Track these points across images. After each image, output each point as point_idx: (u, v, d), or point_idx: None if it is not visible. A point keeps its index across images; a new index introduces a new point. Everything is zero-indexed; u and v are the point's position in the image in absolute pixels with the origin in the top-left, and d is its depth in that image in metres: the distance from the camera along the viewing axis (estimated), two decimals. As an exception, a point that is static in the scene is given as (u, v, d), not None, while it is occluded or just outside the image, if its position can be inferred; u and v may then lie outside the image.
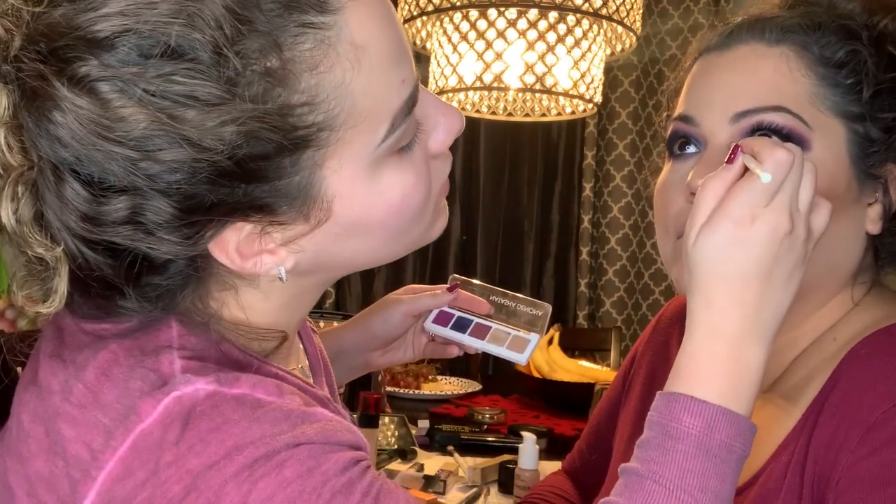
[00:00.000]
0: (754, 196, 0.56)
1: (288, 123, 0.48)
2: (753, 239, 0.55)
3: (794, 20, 0.68)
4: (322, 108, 0.49)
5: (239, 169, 0.47)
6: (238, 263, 0.52)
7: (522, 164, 3.25)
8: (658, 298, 3.26)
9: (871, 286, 0.71)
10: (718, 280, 0.56)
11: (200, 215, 0.48)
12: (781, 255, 0.56)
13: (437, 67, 1.80)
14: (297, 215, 0.52)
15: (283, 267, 0.54)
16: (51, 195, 0.47)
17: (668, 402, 0.56)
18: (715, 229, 0.56)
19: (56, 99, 0.44)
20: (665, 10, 3.16)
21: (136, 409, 0.49)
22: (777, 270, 0.56)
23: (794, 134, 0.65)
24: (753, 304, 0.56)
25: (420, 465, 1.58)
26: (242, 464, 0.47)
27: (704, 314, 0.57)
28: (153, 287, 0.51)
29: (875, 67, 0.66)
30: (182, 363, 0.51)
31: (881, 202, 0.68)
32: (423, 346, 0.92)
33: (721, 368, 0.56)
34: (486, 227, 3.20)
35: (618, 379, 0.94)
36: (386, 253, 0.60)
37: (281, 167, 0.49)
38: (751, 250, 0.55)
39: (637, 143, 3.27)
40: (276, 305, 0.58)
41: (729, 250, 0.56)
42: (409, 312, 0.88)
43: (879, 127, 0.66)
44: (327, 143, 0.50)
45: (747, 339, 0.56)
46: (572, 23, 1.67)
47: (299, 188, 0.51)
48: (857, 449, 0.58)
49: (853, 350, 0.65)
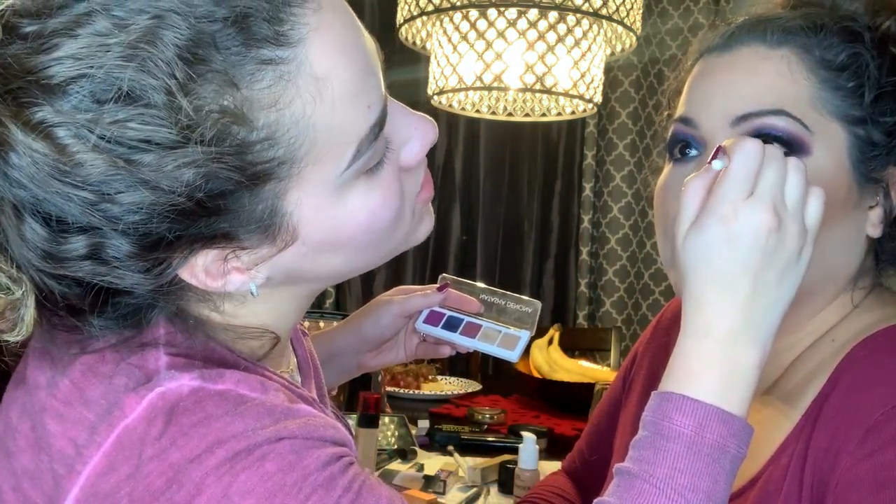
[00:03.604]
0: (732, 190, 0.55)
1: (246, 161, 0.47)
2: (737, 234, 0.55)
3: (796, 22, 0.68)
4: (282, 143, 0.48)
5: (198, 207, 0.47)
6: (207, 284, 0.52)
7: (522, 164, 3.25)
8: (658, 298, 3.26)
9: (871, 289, 0.70)
10: (707, 279, 0.56)
11: (162, 251, 0.48)
12: (769, 251, 0.55)
13: (437, 67, 1.80)
14: (263, 240, 0.52)
15: (253, 283, 0.54)
16: (12, 232, 0.46)
17: (661, 401, 0.56)
18: (700, 228, 0.56)
19: (12, 143, 0.44)
20: (665, 10, 3.16)
21: (120, 404, 0.49)
22: (767, 267, 0.55)
23: (794, 138, 0.65)
24: (744, 301, 0.55)
25: (420, 465, 1.58)
26: (223, 457, 0.48)
27: (696, 314, 0.57)
28: (125, 306, 0.51)
29: (877, 71, 0.66)
30: (167, 359, 0.51)
31: (882, 206, 0.68)
32: (416, 347, 0.93)
33: (713, 368, 0.55)
34: (486, 227, 3.20)
35: (618, 379, 0.94)
36: (363, 263, 0.60)
37: (241, 201, 0.49)
38: (736, 246, 0.55)
39: (637, 143, 3.27)
40: (260, 312, 0.58)
41: (716, 248, 0.56)
42: (399, 313, 0.89)
43: (881, 130, 0.66)
44: (289, 176, 0.50)
45: (739, 339, 0.56)
46: (572, 23, 1.67)
47: (262, 217, 0.50)
48: (856, 451, 0.58)
49: (852, 352, 0.65)
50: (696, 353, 0.56)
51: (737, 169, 0.56)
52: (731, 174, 0.56)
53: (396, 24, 1.80)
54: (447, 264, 3.10)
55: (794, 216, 0.56)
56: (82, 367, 0.52)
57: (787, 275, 0.56)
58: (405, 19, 1.75)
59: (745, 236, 0.55)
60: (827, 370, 0.65)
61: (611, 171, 3.28)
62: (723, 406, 0.54)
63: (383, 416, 1.74)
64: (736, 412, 0.55)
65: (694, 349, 0.56)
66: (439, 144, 3.08)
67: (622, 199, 3.28)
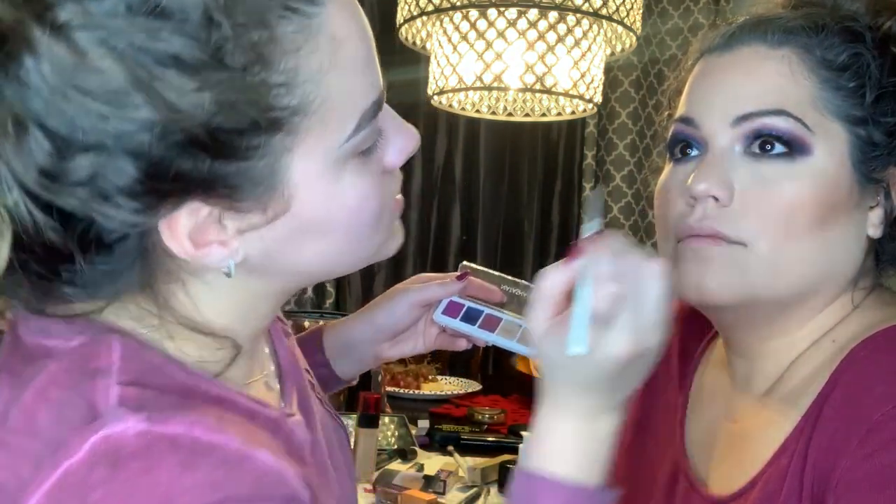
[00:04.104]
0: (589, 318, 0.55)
1: (265, 100, 0.47)
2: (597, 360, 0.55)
3: (797, 21, 0.68)
4: (298, 93, 0.49)
5: (210, 140, 0.46)
6: (188, 250, 0.50)
7: (522, 164, 3.24)
8: (658, 298, 3.26)
9: (871, 289, 0.70)
10: (562, 379, 0.58)
11: (162, 184, 0.46)
12: (629, 368, 0.56)
13: (437, 67, 1.79)
14: (256, 204, 0.51)
15: (232, 260, 0.52)
16: (10, 147, 0.44)
17: (527, 480, 0.58)
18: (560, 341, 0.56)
19: (31, 44, 0.42)
20: (665, 10, 3.16)
21: (65, 443, 0.47)
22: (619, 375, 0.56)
23: (795, 138, 0.65)
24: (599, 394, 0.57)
25: (420, 465, 1.58)
26: None
27: (554, 394, 0.59)
28: (98, 272, 0.50)
29: (878, 71, 0.66)
30: (119, 391, 0.48)
31: (882, 206, 0.68)
32: (435, 338, 0.89)
33: (576, 445, 0.58)
34: (486, 227, 3.20)
35: (618, 380, 0.94)
36: (337, 261, 0.58)
37: (250, 146, 0.48)
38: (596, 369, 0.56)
39: (637, 143, 3.27)
40: (227, 306, 0.57)
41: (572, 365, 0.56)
42: (415, 303, 0.84)
43: (882, 131, 0.66)
44: (297, 130, 0.50)
45: (600, 413, 0.58)
46: (572, 23, 1.67)
47: (263, 173, 0.50)
48: (856, 451, 0.58)
49: (852, 352, 0.65)
50: (556, 432, 0.58)
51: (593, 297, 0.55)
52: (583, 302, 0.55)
53: (396, 24, 1.80)
54: (447, 264, 3.09)
55: (650, 329, 0.56)
56: (34, 393, 0.49)
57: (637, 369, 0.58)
58: (405, 19, 1.74)
59: (605, 363, 0.55)
60: (827, 371, 0.65)
61: (611, 171, 3.28)
62: (587, 482, 0.57)
63: (383, 416, 1.74)
64: (597, 486, 0.58)
65: (553, 427, 0.58)
66: (439, 144, 3.08)
67: (622, 199, 3.27)
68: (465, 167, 3.17)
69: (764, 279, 0.66)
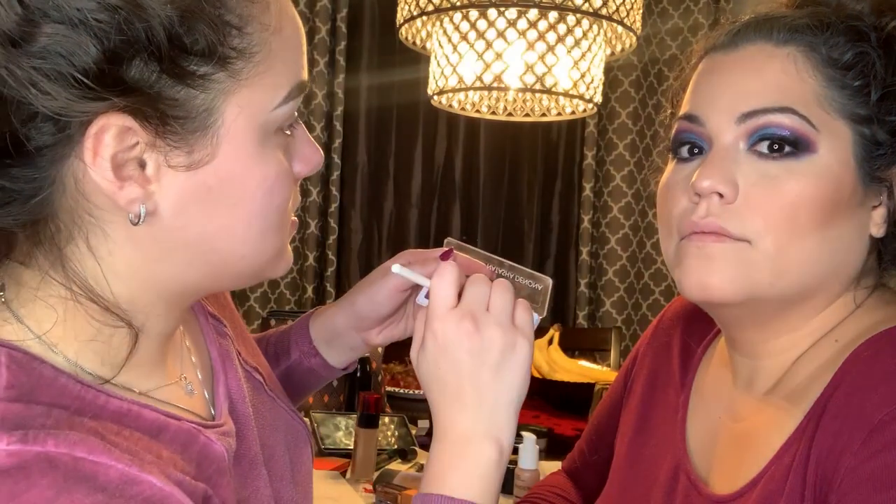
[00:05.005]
0: (437, 308, 0.65)
1: (218, 33, 0.50)
2: (444, 344, 0.64)
3: (802, 20, 0.68)
4: (246, 40, 0.52)
5: (166, 48, 0.48)
6: (106, 176, 0.49)
7: (522, 164, 3.24)
8: (658, 298, 3.26)
9: (873, 289, 0.70)
10: (437, 390, 0.65)
11: (110, 75, 0.47)
12: (475, 351, 0.63)
13: (437, 67, 1.79)
14: (184, 142, 0.51)
15: (144, 207, 0.51)
16: None
17: (420, 502, 0.62)
18: (423, 347, 0.65)
19: None
20: (665, 10, 3.16)
21: None
22: (479, 366, 0.63)
23: (800, 135, 0.65)
24: (470, 404, 0.63)
25: (420, 465, 1.58)
26: None
27: (436, 420, 0.65)
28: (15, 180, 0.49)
29: (883, 70, 0.66)
30: (2, 407, 0.46)
31: (886, 205, 0.68)
32: None
33: (455, 467, 0.62)
34: (486, 227, 3.20)
35: (619, 379, 0.94)
36: (236, 250, 0.57)
37: (197, 73, 0.50)
38: (447, 355, 0.64)
39: (637, 143, 3.27)
40: (126, 273, 0.54)
41: (433, 361, 0.65)
42: (396, 288, 0.78)
43: (886, 130, 0.66)
44: (238, 76, 0.52)
45: (472, 439, 0.63)
46: (572, 23, 1.67)
47: (200, 109, 0.51)
48: (859, 451, 0.58)
49: (855, 352, 0.64)
50: (439, 456, 0.63)
51: (437, 289, 0.66)
52: (433, 295, 0.66)
53: (396, 24, 1.80)
54: (447, 264, 3.10)
55: (497, 318, 0.65)
56: None
57: (503, 370, 0.64)
58: (405, 19, 1.75)
59: (450, 343, 0.64)
60: (830, 370, 0.65)
61: (611, 171, 3.28)
62: (473, 500, 0.61)
63: (383, 416, 1.74)
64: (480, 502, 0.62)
65: (437, 452, 0.64)
66: (439, 144, 3.08)
67: (622, 199, 3.27)
68: (465, 167, 3.17)
69: (768, 277, 0.66)
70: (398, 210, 3.08)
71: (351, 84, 2.94)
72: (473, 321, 0.63)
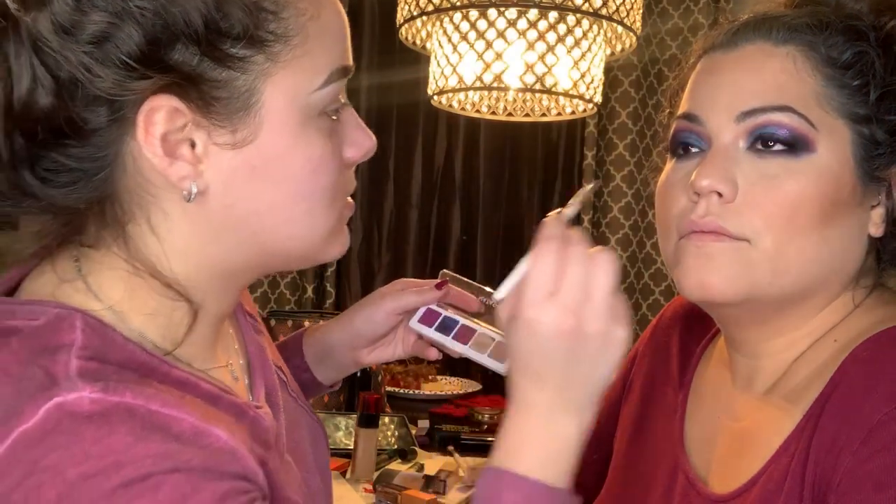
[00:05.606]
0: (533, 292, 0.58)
1: (254, 18, 0.53)
2: (539, 334, 0.57)
3: (801, 20, 0.68)
4: (282, 24, 0.54)
5: (204, 33, 0.51)
6: (157, 153, 0.53)
7: (522, 164, 3.24)
8: (658, 298, 3.26)
9: (872, 288, 0.70)
10: (523, 363, 0.59)
11: (155, 59, 0.51)
12: (571, 348, 0.57)
13: (437, 67, 1.79)
14: (228, 121, 0.54)
15: (195, 183, 0.54)
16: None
17: (492, 477, 0.58)
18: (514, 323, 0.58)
19: None
20: (665, 10, 3.16)
21: (19, 410, 0.48)
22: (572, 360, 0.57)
23: (799, 135, 0.65)
24: (560, 377, 0.58)
25: (420, 465, 1.58)
26: (118, 482, 0.46)
27: (517, 391, 0.60)
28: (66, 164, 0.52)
29: (882, 69, 0.66)
30: (78, 364, 0.49)
31: (884, 205, 0.68)
32: (412, 344, 0.90)
33: (535, 444, 0.58)
34: (486, 227, 3.20)
35: (618, 379, 0.94)
36: (287, 228, 0.59)
37: (236, 56, 0.53)
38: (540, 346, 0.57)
39: (637, 143, 3.26)
40: (185, 250, 0.57)
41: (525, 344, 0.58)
42: (393, 310, 0.85)
43: (885, 129, 0.66)
44: (276, 59, 0.55)
45: (557, 413, 0.58)
46: (572, 23, 1.67)
47: (241, 89, 0.54)
48: (858, 451, 0.58)
49: (854, 352, 0.65)
50: (518, 431, 0.59)
51: (536, 270, 0.58)
52: (531, 276, 0.58)
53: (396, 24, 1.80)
54: (447, 264, 3.09)
55: (598, 310, 0.57)
56: None
57: (598, 363, 0.58)
58: (405, 19, 1.74)
59: (547, 340, 0.57)
60: (829, 370, 0.65)
61: (611, 171, 3.27)
62: (547, 481, 0.57)
63: (383, 416, 1.74)
64: (560, 485, 0.58)
65: (516, 427, 0.59)
66: (439, 144, 3.08)
67: (622, 199, 3.27)
68: (465, 167, 3.17)
69: (767, 276, 0.66)
70: (398, 210, 3.07)
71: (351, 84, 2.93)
72: (575, 317, 0.57)
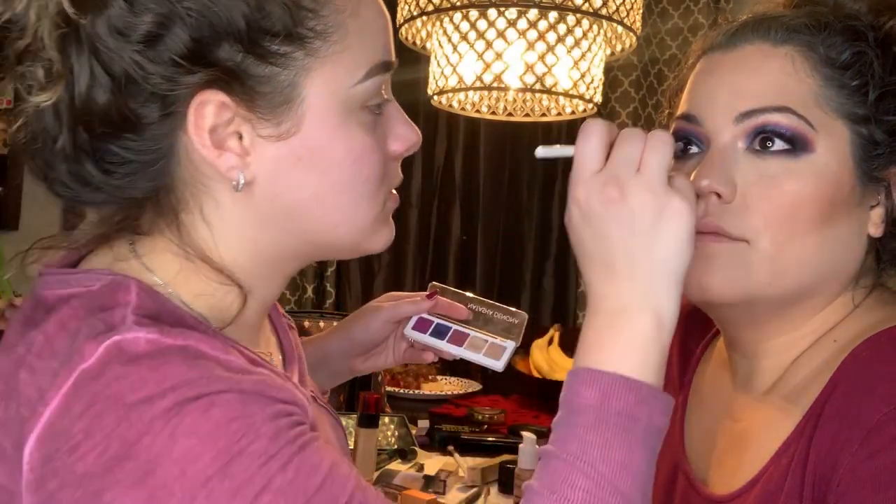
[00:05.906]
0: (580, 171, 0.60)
1: (294, 16, 0.56)
2: (587, 212, 0.58)
3: (800, 20, 0.68)
4: (322, 21, 0.57)
5: (247, 33, 0.54)
6: (206, 145, 0.56)
7: (522, 164, 3.24)
8: (658, 298, 3.26)
9: (872, 289, 0.70)
10: (587, 260, 0.59)
11: (202, 57, 0.54)
12: (622, 220, 0.57)
13: (437, 67, 1.79)
14: (272, 114, 0.57)
15: (243, 173, 0.57)
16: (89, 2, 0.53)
17: (569, 378, 0.58)
18: (568, 216, 0.60)
19: None
20: (665, 10, 3.16)
21: (80, 350, 0.51)
22: (627, 235, 0.57)
23: (798, 135, 0.65)
24: (622, 272, 0.57)
25: (420, 465, 1.58)
26: (173, 402, 0.49)
27: (589, 293, 0.59)
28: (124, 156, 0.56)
29: (881, 69, 0.66)
30: (133, 318, 0.53)
31: (884, 205, 0.68)
32: (404, 352, 0.95)
33: (608, 339, 0.57)
34: (486, 227, 3.20)
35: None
36: (332, 216, 0.61)
37: (278, 53, 0.56)
38: (591, 224, 0.58)
39: (637, 143, 3.27)
40: (235, 239, 0.60)
41: (580, 232, 0.59)
42: (389, 319, 0.91)
43: (884, 130, 0.66)
44: (317, 54, 0.57)
45: (627, 309, 0.57)
46: (572, 23, 1.67)
47: (284, 84, 0.57)
48: (858, 451, 0.58)
49: (854, 352, 0.65)
50: (592, 328, 0.59)
51: (581, 148, 0.60)
52: (576, 158, 0.60)
53: (396, 24, 1.80)
54: (447, 264, 3.09)
55: (648, 181, 0.57)
56: (56, 324, 0.54)
57: (657, 237, 0.57)
58: (405, 19, 1.74)
59: (593, 213, 0.58)
60: (828, 370, 0.65)
61: (611, 171, 3.27)
62: (624, 373, 0.55)
63: (383, 416, 1.74)
64: (640, 378, 0.55)
65: (590, 325, 0.59)
66: (439, 144, 3.08)
67: (622, 199, 3.27)
68: (465, 167, 3.17)
69: (766, 276, 0.66)
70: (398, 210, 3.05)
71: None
72: (619, 187, 0.57)
